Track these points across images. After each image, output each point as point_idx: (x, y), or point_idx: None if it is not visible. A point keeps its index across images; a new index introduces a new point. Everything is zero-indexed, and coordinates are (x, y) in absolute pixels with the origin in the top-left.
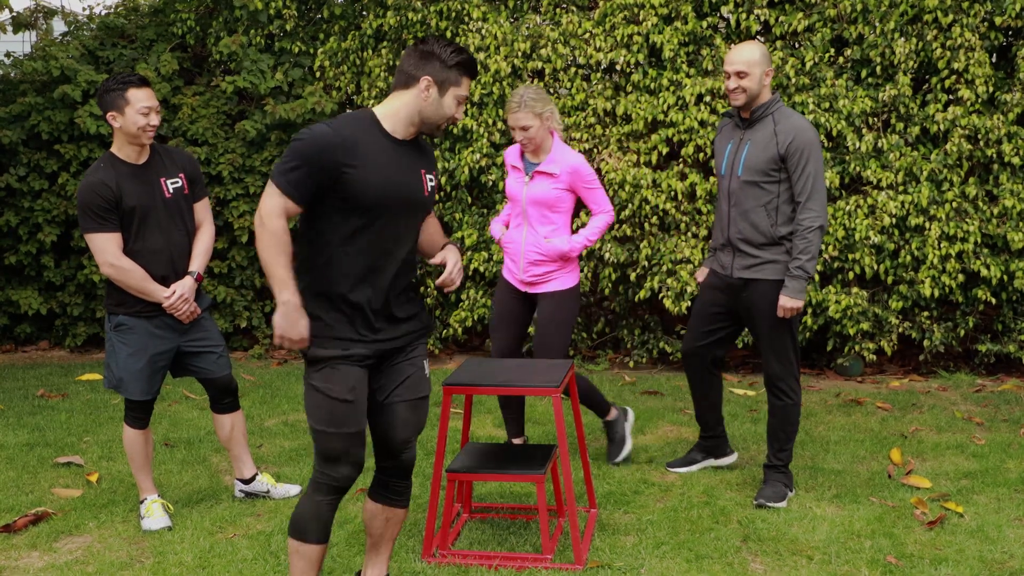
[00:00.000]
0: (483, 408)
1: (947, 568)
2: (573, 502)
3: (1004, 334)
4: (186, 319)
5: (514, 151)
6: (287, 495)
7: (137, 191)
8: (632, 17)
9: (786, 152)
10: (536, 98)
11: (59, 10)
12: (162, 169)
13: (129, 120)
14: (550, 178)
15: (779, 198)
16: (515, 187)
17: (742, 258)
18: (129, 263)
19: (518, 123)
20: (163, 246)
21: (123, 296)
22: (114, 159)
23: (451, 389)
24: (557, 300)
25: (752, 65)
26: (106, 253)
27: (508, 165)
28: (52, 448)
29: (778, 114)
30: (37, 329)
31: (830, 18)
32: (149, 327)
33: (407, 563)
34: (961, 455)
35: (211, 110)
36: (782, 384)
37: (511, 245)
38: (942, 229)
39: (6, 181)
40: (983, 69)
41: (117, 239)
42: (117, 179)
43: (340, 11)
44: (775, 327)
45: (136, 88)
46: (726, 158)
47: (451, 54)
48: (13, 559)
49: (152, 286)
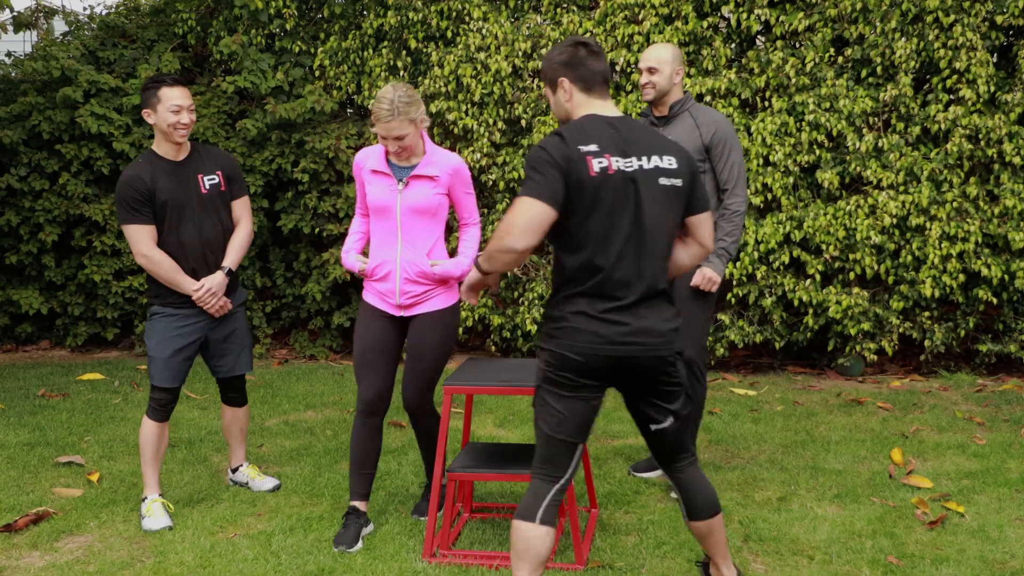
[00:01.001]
0: (484, 408)
1: (948, 568)
2: (574, 502)
3: (1005, 334)
4: (215, 313)
5: (373, 155)
6: (262, 489)
7: (171, 186)
8: (632, 17)
9: (710, 142)
10: (409, 101)
11: (60, 10)
12: (200, 166)
13: (161, 117)
14: (430, 181)
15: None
16: (385, 196)
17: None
18: (160, 255)
19: (391, 133)
20: (196, 239)
21: (159, 288)
22: (153, 155)
23: (452, 389)
24: (438, 320)
25: (663, 62)
26: (139, 244)
27: (365, 172)
28: (53, 448)
29: (694, 109)
30: (38, 329)
31: (831, 18)
32: (179, 318)
33: (408, 563)
34: (962, 455)
35: (212, 109)
36: (696, 369)
37: (382, 268)
38: (943, 229)
39: (7, 181)
40: (984, 69)
41: (151, 231)
42: (153, 174)
43: (341, 10)
44: (696, 312)
45: (168, 87)
46: None
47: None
48: (14, 559)
49: (182, 278)
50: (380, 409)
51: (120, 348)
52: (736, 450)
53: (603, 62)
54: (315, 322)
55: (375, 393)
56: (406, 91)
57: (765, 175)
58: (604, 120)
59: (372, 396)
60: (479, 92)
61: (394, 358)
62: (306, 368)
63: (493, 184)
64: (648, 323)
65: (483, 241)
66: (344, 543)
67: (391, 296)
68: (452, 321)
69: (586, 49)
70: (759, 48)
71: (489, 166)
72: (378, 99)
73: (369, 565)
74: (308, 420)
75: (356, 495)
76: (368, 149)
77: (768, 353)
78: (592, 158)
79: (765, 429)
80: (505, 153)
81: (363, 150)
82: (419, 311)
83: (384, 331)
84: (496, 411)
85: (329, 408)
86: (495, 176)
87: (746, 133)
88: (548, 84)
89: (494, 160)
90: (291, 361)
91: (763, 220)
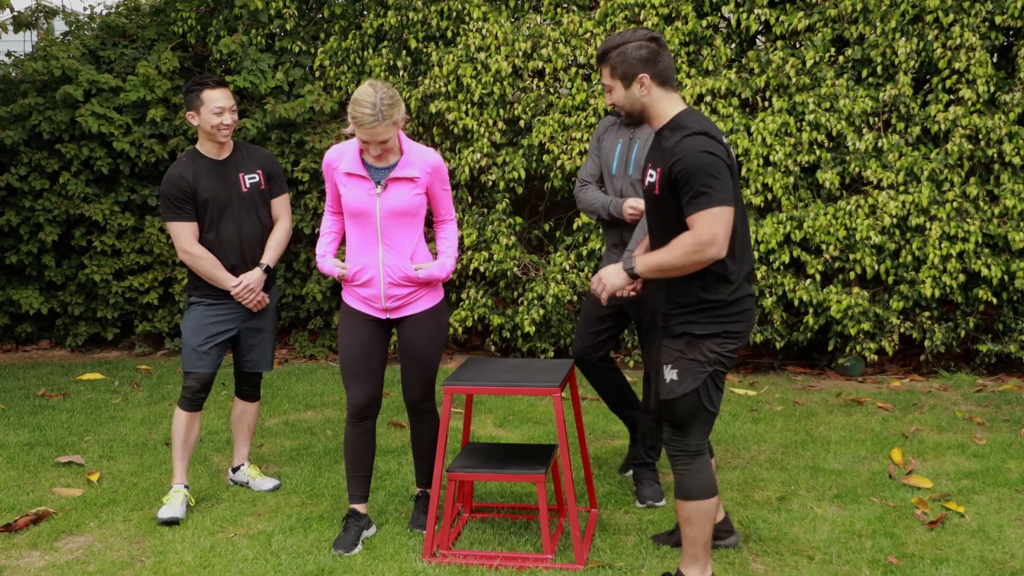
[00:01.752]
0: (483, 408)
1: (948, 568)
2: (574, 502)
3: (1005, 334)
4: (254, 307)
5: (347, 155)
6: (262, 488)
7: (213, 185)
8: (633, 17)
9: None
10: (392, 103)
11: (60, 10)
12: (241, 165)
13: (204, 119)
14: (409, 183)
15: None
16: (362, 200)
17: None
18: (201, 250)
19: (376, 138)
20: (235, 236)
21: (197, 281)
22: (196, 154)
23: (452, 389)
24: (429, 319)
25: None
26: (181, 240)
27: (340, 175)
28: (53, 447)
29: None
30: (38, 328)
31: (831, 18)
32: (214, 309)
33: (408, 563)
34: (962, 455)
35: None
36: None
37: (364, 274)
38: (943, 229)
39: (7, 181)
40: (984, 69)
41: (192, 228)
42: (195, 172)
43: (341, 10)
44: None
45: (211, 89)
46: (616, 157)
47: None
48: (14, 558)
49: (221, 273)
50: (371, 413)
51: (120, 348)
52: (736, 450)
53: (671, 55)
54: (315, 322)
55: (365, 398)
56: (387, 91)
57: (765, 175)
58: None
59: (362, 401)
60: (479, 92)
61: (382, 361)
62: (306, 368)
63: (493, 184)
64: None
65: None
66: (343, 547)
67: (376, 301)
68: (442, 318)
69: (659, 44)
70: (759, 48)
71: (489, 166)
72: (357, 102)
73: (369, 565)
74: (308, 420)
75: (354, 498)
76: (339, 148)
77: (768, 353)
78: (730, 148)
79: (765, 429)
80: (505, 153)
81: (334, 149)
82: (407, 312)
83: (370, 335)
84: (496, 411)
85: (329, 408)
86: (495, 176)
87: (746, 133)
88: (621, 78)
89: (494, 160)
90: (291, 361)
91: (763, 220)
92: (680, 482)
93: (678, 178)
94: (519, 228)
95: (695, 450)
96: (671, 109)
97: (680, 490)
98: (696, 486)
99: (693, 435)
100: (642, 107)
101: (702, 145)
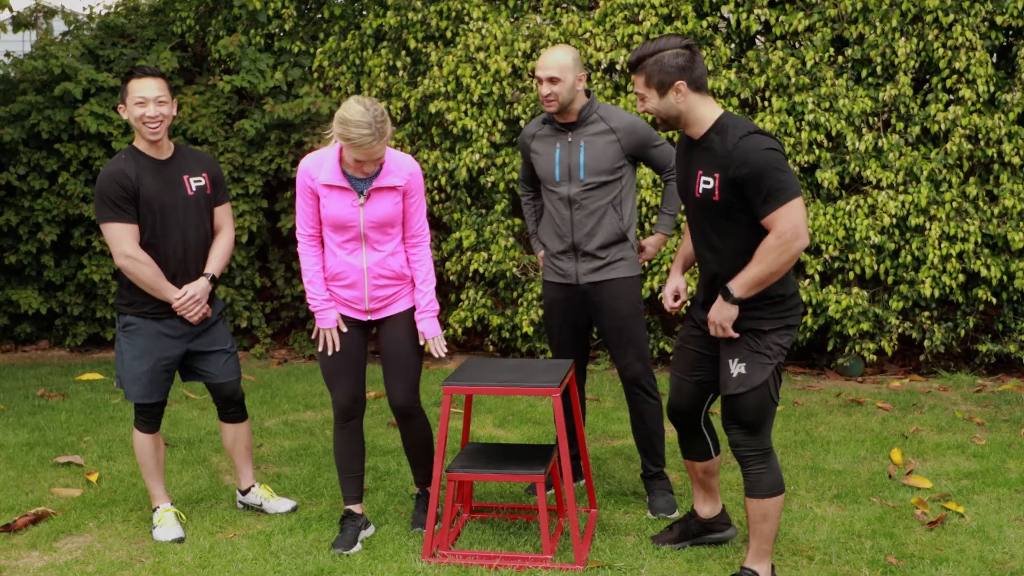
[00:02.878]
0: (483, 408)
1: (948, 568)
2: (573, 502)
3: (1004, 334)
4: (196, 320)
5: (326, 166)
6: (277, 511)
7: (157, 185)
8: (632, 17)
9: (633, 147)
10: (384, 119)
11: (59, 9)
12: (186, 167)
13: (130, 112)
14: (392, 192)
15: (622, 192)
16: (346, 211)
17: (589, 261)
18: (145, 256)
19: (374, 156)
20: (179, 244)
21: (133, 296)
22: (136, 152)
23: (451, 389)
24: (409, 319)
25: (564, 70)
26: (122, 244)
27: (319, 186)
28: (52, 448)
29: (603, 111)
30: (37, 329)
31: (830, 18)
32: (157, 328)
33: (407, 563)
34: (962, 455)
35: (211, 109)
36: (645, 382)
37: (347, 276)
38: (942, 229)
39: (6, 180)
40: (984, 69)
41: (134, 231)
42: (138, 171)
43: (340, 11)
44: (633, 322)
45: (137, 79)
46: (557, 164)
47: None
48: (13, 559)
49: (164, 284)
50: (357, 412)
51: None
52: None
53: (703, 60)
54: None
55: (351, 398)
56: (376, 107)
57: None
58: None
59: (347, 402)
60: (478, 92)
61: (363, 362)
62: (305, 368)
63: (493, 185)
64: None
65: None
66: (342, 546)
67: (359, 303)
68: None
69: (693, 51)
70: (759, 48)
71: (488, 167)
72: (351, 123)
73: (369, 565)
74: (307, 420)
75: (349, 499)
76: (315, 157)
77: None
78: None
79: None
80: (504, 154)
81: (309, 158)
82: (387, 313)
83: (352, 336)
84: (496, 411)
85: (328, 408)
86: (494, 177)
87: None
88: (657, 87)
89: (493, 161)
90: (290, 361)
91: None
92: (757, 481)
93: (746, 181)
94: (518, 229)
95: (767, 447)
96: (710, 114)
97: (758, 489)
98: (774, 482)
99: (763, 432)
100: (678, 114)
101: (763, 143)
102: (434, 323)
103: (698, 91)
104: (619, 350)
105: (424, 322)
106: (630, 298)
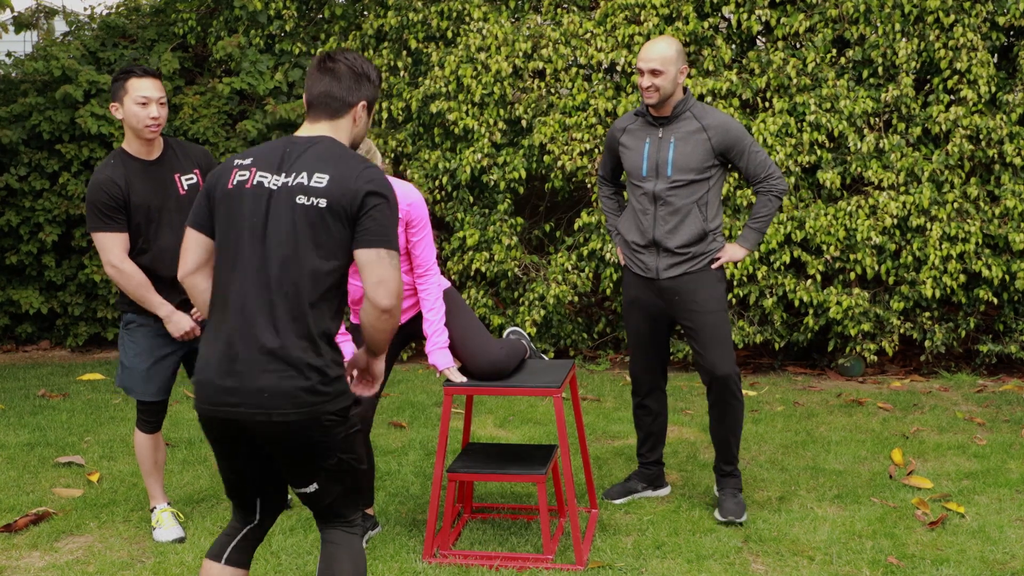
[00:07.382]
0: (484, 408)
1: (948, 569)
2: (574, 502)
3: (1005, 335)
4: (177, 336)
5: None
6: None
7: (148, 189)
8: (633, 17)
9: (725, 147)
10: (370, 152)
11: (60, 10)
12: (176, 165)
13: (128, 111)
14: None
15: (709, 193)
16: None
17: (669, 257)
18: (133, 267)
19: None
20: (174, 245)
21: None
22: (124, 155)
23: (452, 389)
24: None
25: (667, 62)
26: (110, 253)
27: None
28: (53, 448)
29: (696, 109)
30: (38, 329)
31: (832, 19)
32: (160, 327)
33: (408, 563)
34: (962, 455)
35: (212, 110)
36: (732, 382)
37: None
38: (943, 230)
39: (7, 181)
40: (985, 69)
41: (123, 240)
42: (127, 176)
43: (341, 11)
44: (718, 319)
45: (138, 78)
46: (645, 159)
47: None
48: (14, 559)
49: (151, 296)
50: None
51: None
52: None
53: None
54: None
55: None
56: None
57: None
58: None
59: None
60: (479, 92)
61: None
62: None
63: (494, 184)
64: None
65: None
66: None
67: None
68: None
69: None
70: (760, 49)
71: (490, 166)
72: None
73: (369, 565)
74: None
75: None
76: None
77: (768, 354)
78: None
79: (765, 429)
80: (506, 153)
81: None
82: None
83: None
84: (496, 411)
85: None
86: (496, 176)
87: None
88: None
89: (495, 160)
90: None
91: None
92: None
93: None
94: (520, 228)
95: None
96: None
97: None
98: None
99: None
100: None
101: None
102: (445, 355)
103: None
104: (703, 348)
105: (435, 355)
106: (713, 294)
